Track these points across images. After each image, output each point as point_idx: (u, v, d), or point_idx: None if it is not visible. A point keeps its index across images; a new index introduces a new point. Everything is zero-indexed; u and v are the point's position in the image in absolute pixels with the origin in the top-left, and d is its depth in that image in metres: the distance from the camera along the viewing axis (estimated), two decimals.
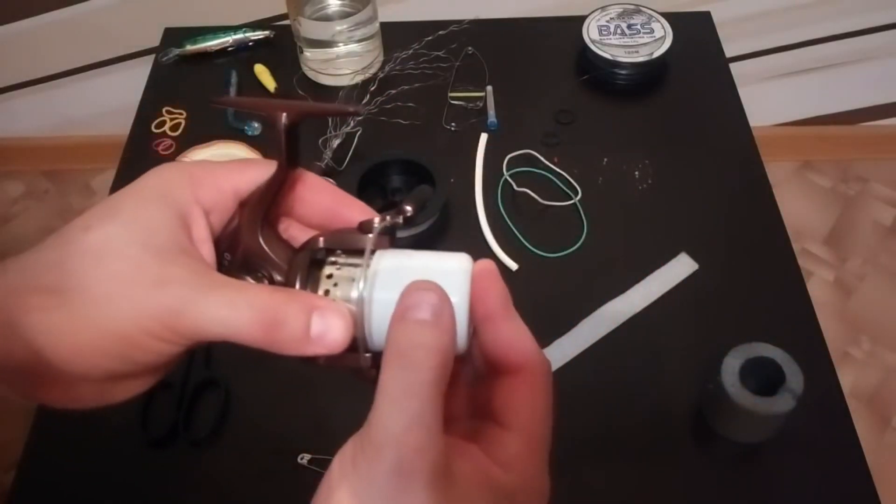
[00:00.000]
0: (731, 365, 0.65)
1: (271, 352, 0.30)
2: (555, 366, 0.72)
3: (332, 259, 0.32)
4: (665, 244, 0.81)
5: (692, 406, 0.70)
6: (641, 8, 1.01)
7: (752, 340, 0.66)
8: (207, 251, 0.32)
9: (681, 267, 0.79)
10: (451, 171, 0.86)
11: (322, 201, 0.35)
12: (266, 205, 0.33)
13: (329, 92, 0.96)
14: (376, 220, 0.32)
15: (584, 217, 0.83)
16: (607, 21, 1.00)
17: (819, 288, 1.62)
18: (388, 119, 0.92)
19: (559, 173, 0.87)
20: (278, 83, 0.98)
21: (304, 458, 0.67)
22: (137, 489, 0.67)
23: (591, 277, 0.79)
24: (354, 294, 0.30)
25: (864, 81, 1.70)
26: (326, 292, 0.31)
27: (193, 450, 0.69)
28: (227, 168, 0.34)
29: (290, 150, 0.33)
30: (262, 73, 0.99)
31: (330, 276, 0.32)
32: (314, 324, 0.29)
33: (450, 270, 0.30)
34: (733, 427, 0.67)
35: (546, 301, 0.77)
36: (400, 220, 0.33)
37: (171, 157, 0.92)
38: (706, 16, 1.06)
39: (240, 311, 0.29)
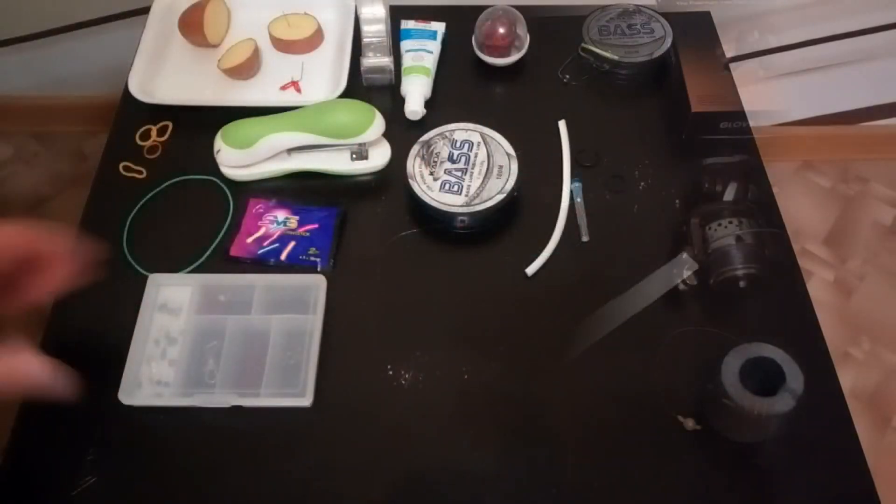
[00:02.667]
0: (731, 365, 0.65)
1: None
2: (554, 366, 0.72)
3: None
4: (665, 244, 0.81)
5: (692, 406, 0.70)
6: (641, 8, 1.01)
7: (752, 340, 0.66)
8: None
9: (681, 267, 0.79)
10: None
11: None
12: None
13: None
14: None
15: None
16: (607, 21, 1.00)
17: (819, 288, 1.61)
18: None
19: None
20: None
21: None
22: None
23: (592, 277, 0.79)
24: None
25: (864, 81, 1.70)
26: None
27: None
28: None
29: None
30: None
31: None
32: None
33: None
34: (733, 427, 0.67)
35: (546, 301, 0.77)
36: None
37: None
38: (706, 16, 1.06)
39: None
